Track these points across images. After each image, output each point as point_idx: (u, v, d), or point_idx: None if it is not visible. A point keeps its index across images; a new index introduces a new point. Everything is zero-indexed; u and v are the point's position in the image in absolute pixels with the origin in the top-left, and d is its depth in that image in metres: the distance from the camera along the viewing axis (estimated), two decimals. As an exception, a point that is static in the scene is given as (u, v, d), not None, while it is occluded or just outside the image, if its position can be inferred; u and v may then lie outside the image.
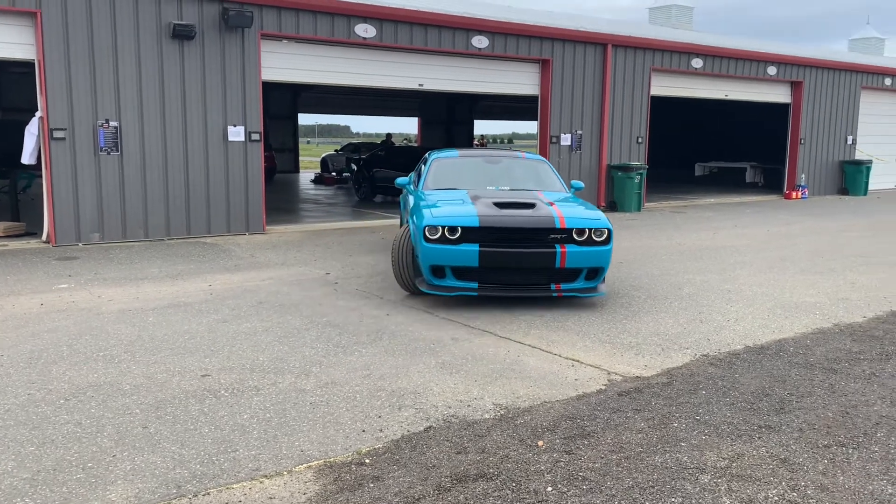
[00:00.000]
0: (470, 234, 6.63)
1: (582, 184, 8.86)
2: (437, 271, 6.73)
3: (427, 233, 6.61)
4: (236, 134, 11.37)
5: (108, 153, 10.47)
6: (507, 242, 6.69)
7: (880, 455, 3.71)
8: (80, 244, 10.35)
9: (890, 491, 3.34)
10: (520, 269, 6.77)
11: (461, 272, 6.72)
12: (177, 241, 10.83)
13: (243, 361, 5.16)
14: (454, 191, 7.98)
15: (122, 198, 10.64)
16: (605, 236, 6.80)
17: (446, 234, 6.61)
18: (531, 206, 7.06)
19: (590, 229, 6.76)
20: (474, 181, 8.37)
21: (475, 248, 6.59)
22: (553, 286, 6.82)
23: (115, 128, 10.46)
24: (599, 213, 7.06)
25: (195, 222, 11.21)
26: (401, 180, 9.04)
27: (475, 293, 6.74)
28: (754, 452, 3.74)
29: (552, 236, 6.73)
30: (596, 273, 6.86)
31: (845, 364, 5.19)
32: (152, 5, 10.52)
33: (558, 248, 6.67)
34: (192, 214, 11.17)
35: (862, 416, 4.23)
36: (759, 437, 3.92)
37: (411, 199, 8.10)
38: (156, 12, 10.56)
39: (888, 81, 21.97)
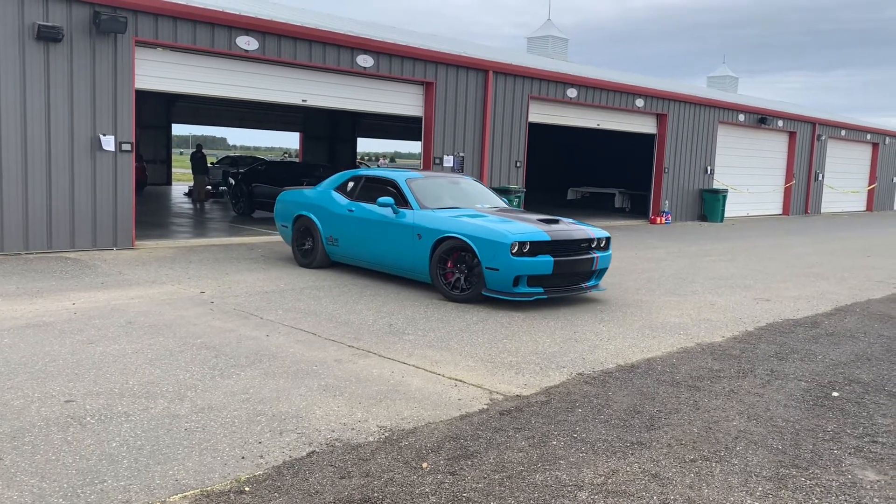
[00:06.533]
0: (540, 247, 7.90)
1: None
2: (517, 281, 7.79)
3: (512, 249, 7.70)
4: (106, 143, 10.78)
5: (-41, 159, 9.65)
6: (566, 252, 8.14)
7: (740, 468, 3.98)
8: (-77, 257, 9.46)
9: (749, 501, 3.59)
10: (572, 274, 8.20)
11: (533, 280, 7.89)
12: (36, 256, 10.10)
13: (111, 385, 4.87)
14: (457, 209, 8.89)
15: (-26, 208, 9.82)
16: (606, 244, 8.58)
17: (522, 248, 7.78)
18: (557, 221, 8.55)
19: (600, 238, 8.50)
20: (455, 200, 9.32)
21: (550, 258, 7.90)
22: (583, 285, 8.40)
23: (-32, 132, 9.66)
24: (597, 227, 8.84)
25: (57, 236, 10.51)
26: (306, 193, 10.18)
27: (544, 296, 7.99)
28: (628, 468, 3.91)
29: (585, 245, 8.33)
30: (602, 273, 8.60)
31: (707, 382, 5.55)
32: (13, 3, 9.84)
33: (594, 255, 8.33)
34: (54, 227, 10.46)
35: (723, 430, 4.53)
36: (632, 454, 4.11)
37: (413, 216, 8.70)
38: (17, 11, 9.88)
39: (741, 117, 23.82)
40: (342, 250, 9.68)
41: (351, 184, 9.84)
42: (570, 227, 8.36)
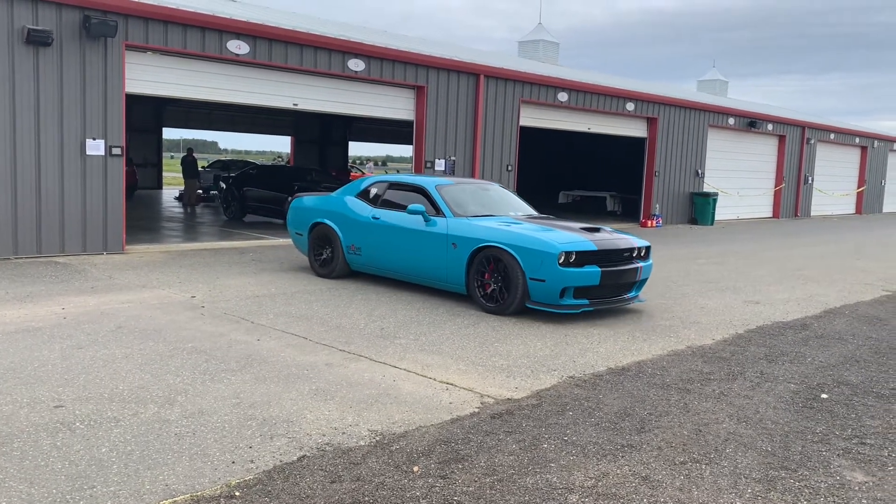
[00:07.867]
0: (587, 257, 7.57)
1: None
2: (563, 292, 7.46)
3: (559, 259, 7.37)
4: (96, 147, 10.75)
5: (-53, 163, 9.60)
6: (612, 263, 7.82)
7: (729, 469, 4.00)
8: (-90, 262, 9.40)
9: (738, 503, 3.60)
10: (617, 285, 7.87)
11: (579, 291, 7.57)
12: (26, 261, 10.05)
13: (101, 390, 4.85)
14: (492, 217, 8.55)
15: (-38, 212, 9.77)
16: (647, 253, 8.30)
17: (569, 259, 7.44)
18: (599, 229, 8.24)
19: (641, 247, 8.20)
20: (487, 207, 8.92)
21: (597, 269, 7.58)
22: (626, 296, 8.08)
23: (-44, 136, 9.62)
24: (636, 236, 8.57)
25: (47, 240, 10.46)
26: (313, 201, 9.75)
27: (590, 308, 7.69)
28: (618, 471, 3.93)
29: (628, 254, 8.02)
30: (643, 283, 8.32)
31: (697, 384, 5.57)
32: (2, 7, 9.81)
33: (637, 265, 8.05)
34: (43, 232, 10.41)
35: (713, 433, 4.55)
36: (623, 456, 4.13)
37: (447, 225, 8.33)
38: (7, 15, 9.85)
39: (731, 121, 23.95)
40: (365, 260, 9.23)
41: (373, 190, 9.37)
42: (614, 237, 8.08)
